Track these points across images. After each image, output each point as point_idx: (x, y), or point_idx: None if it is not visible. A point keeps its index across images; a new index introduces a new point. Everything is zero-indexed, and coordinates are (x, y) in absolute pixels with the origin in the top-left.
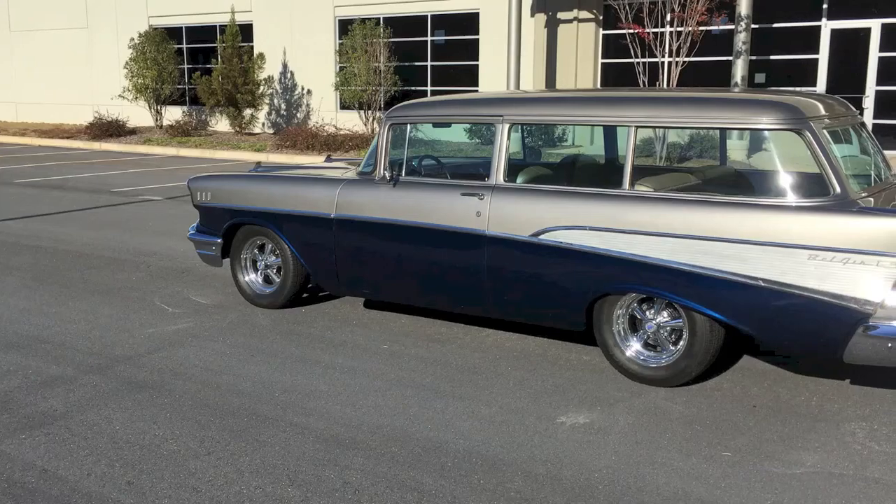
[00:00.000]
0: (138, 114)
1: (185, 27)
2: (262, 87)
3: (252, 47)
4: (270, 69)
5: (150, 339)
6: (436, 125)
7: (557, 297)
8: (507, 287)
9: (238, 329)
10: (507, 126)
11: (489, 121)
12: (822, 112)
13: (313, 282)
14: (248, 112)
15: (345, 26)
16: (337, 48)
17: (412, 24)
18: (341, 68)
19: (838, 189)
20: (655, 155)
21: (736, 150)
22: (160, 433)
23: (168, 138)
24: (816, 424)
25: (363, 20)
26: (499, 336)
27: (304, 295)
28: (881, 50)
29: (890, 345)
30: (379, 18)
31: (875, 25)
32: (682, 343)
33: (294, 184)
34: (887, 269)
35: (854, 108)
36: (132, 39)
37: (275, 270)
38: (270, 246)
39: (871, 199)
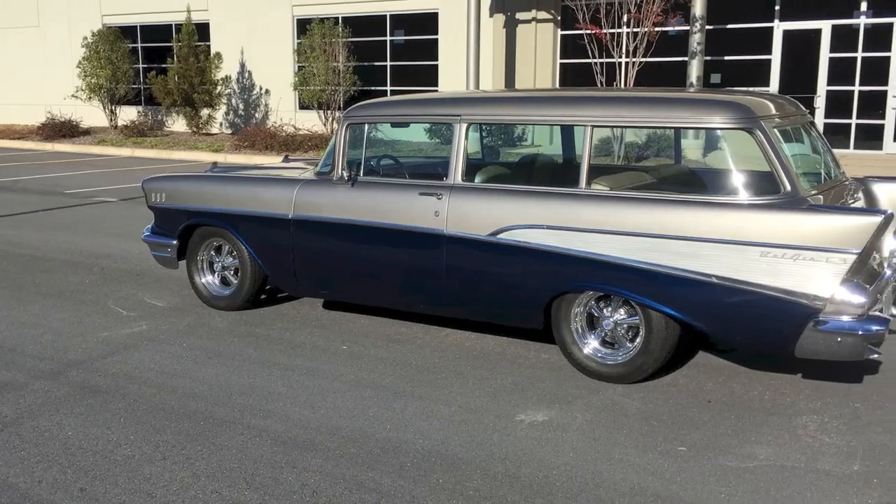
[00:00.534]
0: (92, 114)
1: (140, 26)
2: (219, 87)
3: (209, 46)
4: (228, 69)
5: (104, 343)
6: (394, 125)
7: (516, 295)
8: (465, 286)
9: (194, 331)
10: (464, 126)
11: (447, 120)
12: (773, 111)
13: (271, 283)
14: (205, 112)
15: (303, 26)
16: (295, 48)
17: (371, 24)
18: (300, 68)
19: (789, 187)
20: (614, 154)
21: (691, 149)
22: (114, 438)
23: (123, 139)
24: (769, 418)
25: (322, 20)
26: (458, 335)
27: (263, 296)
28: (831, 51)
29: (839, 339)
30: (338, 18)
31: (825, 27)
32: (638, 340)
33: (251, 184)
34: (836, 265)
35: (804, 108)
36: (85, 38)
37: (232, 272)
38: (227, 247)
39: (821, 197)
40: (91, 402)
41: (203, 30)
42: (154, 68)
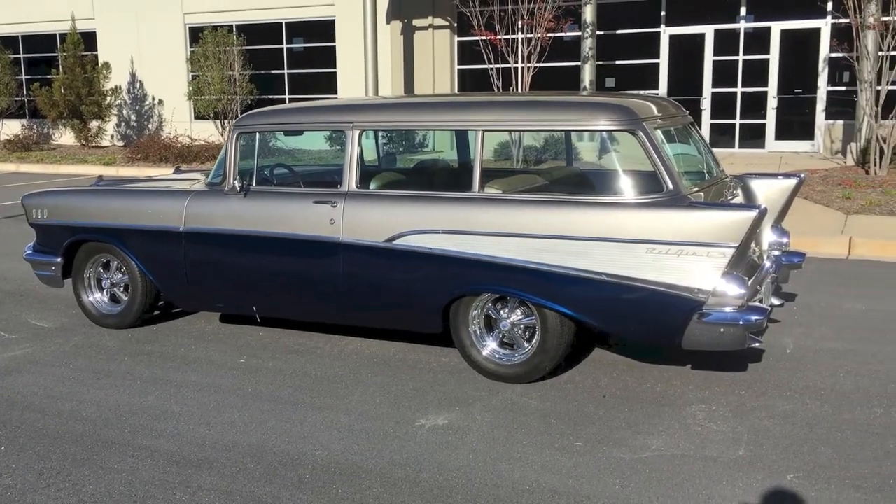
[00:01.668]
0: None
1: (22, 36)
2: (109, 98)
3: (96, 56)
4: (118, 79)
5: None
6: (286, 133)
7: (414, 301)
8: (364, 294)
9: (82, 352)
10: (357, 132)
11: (339, 127)
12: (655, 113)
13: (165, 298)
14: (94, 124)
15: (196, 34)
16: (188, 56)
17: (267, 32)
18: (194, 77)
19: (671, 185)
20: (513, 158)
21: (584, 150)
22: None
23: (7, 153)
24: (661, 409)
25: (215, 27)
26: (359, 343)
27: (156, 312)
28: (715, 54)
29: (722, 330)
30: (231, 26)
31: (709, 31)
32: (535, 340)
33: (139, 197)
34: (716, 259)
35: (685, 109)
36: None
37: (122, 289)
38: (116, 263)
39: (702, 195)
40: None
41: (90, 39)
42: (38, 80)
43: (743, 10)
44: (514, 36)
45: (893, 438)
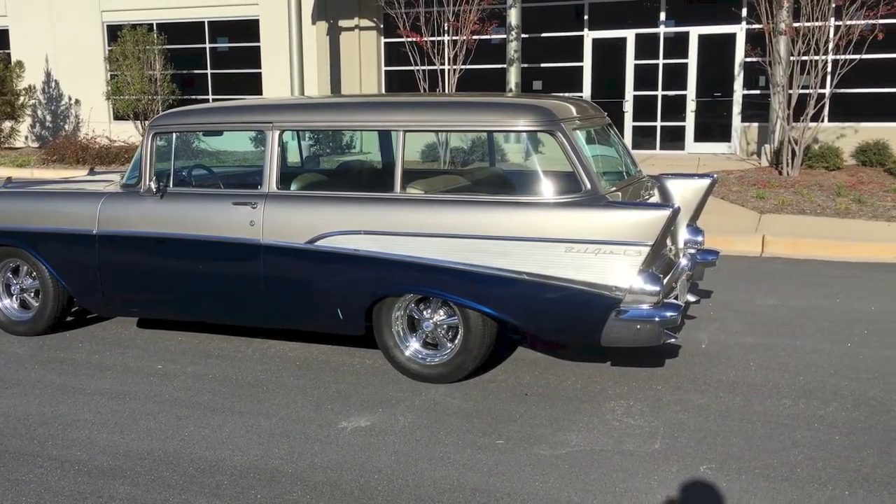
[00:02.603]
0: None
1: None
2: (22, 98)
3: (9, 54)
4: (32, 78)
5: None
6: (205, 133)
7: (337, 302)
8: (285, 296)
9: None
10: (277, 133)
11: (259, 128)
12: (574, 114)
13: (78, 304)
14: (6, 125)
15: (114, 32)
16: (106, 55)
17: (189, 31)
18: (112, 76)
19: (589, 185)
20: (440, 159)
21: (507, 152)
22: None
23: None
24: (581, 406)
25: (134, 26)
26: (282, 346)
27: (69, 318)
28: (636, 58)
29: (638, 326)
30: (152, 24)
31: (630, 35)
32: (458, 340)
33: (50, 199)
34: (632, 257)
35: (603, 111)
36: None
37: (32, 294)
38: (26, 268)
39: (619, 194)
40: None
41: (1, 36)
42: None
43: (663, 16)
44: (440, 38)
45: (801, 429)
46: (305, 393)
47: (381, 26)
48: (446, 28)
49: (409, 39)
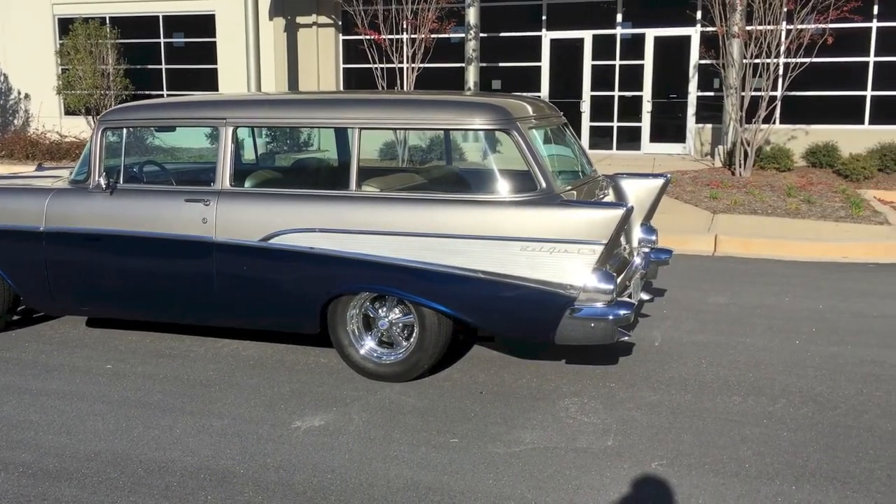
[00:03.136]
0: None
1: None
2: None
3: None
4: None
5: None
6: (157, 129)
7: (291, 301)
8: (239, 294)
9: None
10: (230, 129)
11: (212, 124)
12: (530, 113)
13: (25, 303)
14: None
15: (65, 25)
16: (58, 49)
17: (143, 25)
18: (64, 71)
19: (544, 184)
20: (398, 158)
21: (464, 150)
22: None
23: None
24: (535, 404)
25: (86, 19)
26: (235, 345)
27: (15, 317)
28: (593, 59)
29: (592, 324)
30: (105, 18)
31: (587, 36)
32: (413, 338)
33: None
34: (586, 256)
35: (559, 110)
36: None
37: None
38: None
39: (574, 193)
40: None
41: None
42: None
43: (619, 17)
44: (398, 36)
45: (750, 425)
46: (259, 392)
47: (340, 23)
48: (405, 26)
49: (368, 37)
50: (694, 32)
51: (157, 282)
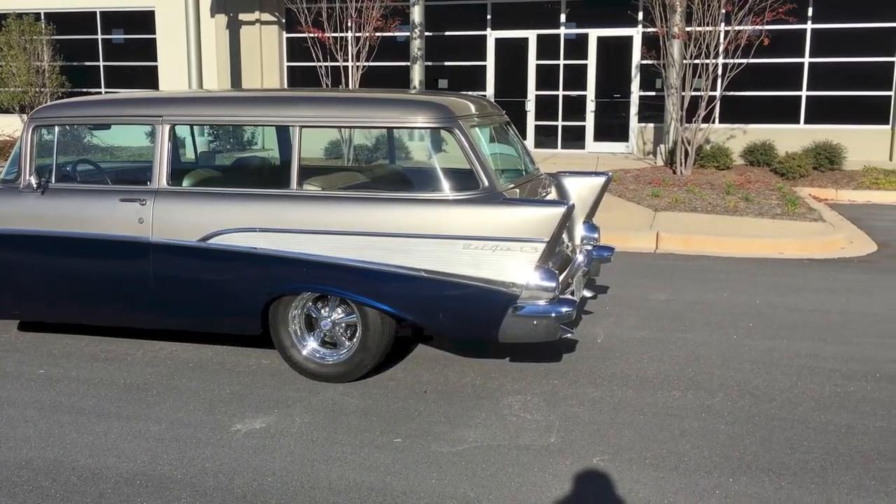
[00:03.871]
0: None
1: None
2: None
3: None
4: None
5: None
6: (91, 127)
7: (231, 302)
8: (177, 296)
9: None
10: (167, 127)
11: (148, 122)
12: (473, 111)
13: None
14: None
15: None
16: None
17: (80, 21)
18: None
19: (486, 183)
20: (343, 156)
21: (407, 149)
22: None
23: None
24: (479, 402)
25: (20, 15)
26: (174, 348)
27: None
28: (538, 58)
29: (535, 322)
30: (39, 13)
31: (532, 36)
32: (356, 338)
33: None
34: (528, 254)
35: (502, 109)
36: None
37: None
38: None
39: (517, 191)
40: None
41: None
42: None
43: (563, 17)
44: (343, 34)
45: (689, 419)
46: (198, 395)
47: (283, 21)
48: (349, 24)
49: (312, 35)
50: (636, 33)
51: (92, 284)
